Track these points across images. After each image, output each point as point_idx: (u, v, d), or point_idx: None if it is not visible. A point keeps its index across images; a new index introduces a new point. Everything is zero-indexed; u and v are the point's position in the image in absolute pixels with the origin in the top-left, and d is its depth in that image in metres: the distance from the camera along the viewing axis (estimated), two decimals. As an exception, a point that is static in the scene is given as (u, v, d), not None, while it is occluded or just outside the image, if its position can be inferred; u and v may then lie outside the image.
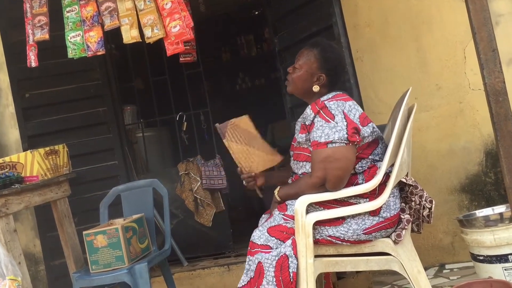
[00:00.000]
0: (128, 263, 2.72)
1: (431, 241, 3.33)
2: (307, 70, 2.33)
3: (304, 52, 2.38)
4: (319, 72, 2.32)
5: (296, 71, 2.37)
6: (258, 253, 2.15)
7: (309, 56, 2.34)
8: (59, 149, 3.17)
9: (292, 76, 2.38)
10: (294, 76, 2.37)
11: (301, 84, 2.35)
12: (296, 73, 2.36)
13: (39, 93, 3.71)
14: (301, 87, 2.36)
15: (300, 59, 2.37)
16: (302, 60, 2.36)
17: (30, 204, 2.89)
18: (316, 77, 2.32)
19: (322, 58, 2.33)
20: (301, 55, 2.38)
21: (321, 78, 2.31)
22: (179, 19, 2.37)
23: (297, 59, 2.39)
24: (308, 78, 2.33)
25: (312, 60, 2.33)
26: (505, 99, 1.84)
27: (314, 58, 2.33)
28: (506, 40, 3.17)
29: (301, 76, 2.34)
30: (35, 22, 2.65)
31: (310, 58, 2.34)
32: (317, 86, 2.32)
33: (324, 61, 2.33)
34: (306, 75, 2.33)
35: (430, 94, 3.32)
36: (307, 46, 2.41)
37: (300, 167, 2.33)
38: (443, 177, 3.32)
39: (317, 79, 2.32)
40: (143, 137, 4.25)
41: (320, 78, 2.32)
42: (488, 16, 1.83)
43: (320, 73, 2.31)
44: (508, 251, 2.37)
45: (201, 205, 3.84)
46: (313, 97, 2.33)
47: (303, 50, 2.39)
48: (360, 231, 2.15)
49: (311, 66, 2.33)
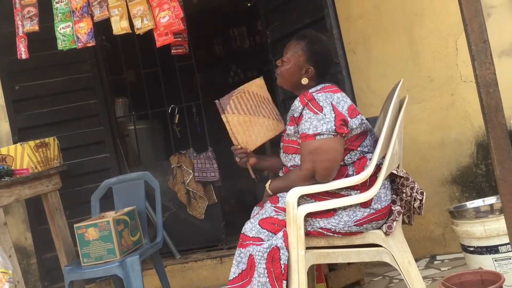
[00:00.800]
0: (119, 256, 2.71)
1: (422, 232, 3.34)
2: (294, 63, 2.32)
3: (291, 45, 2.36)
4: (307, 64, 2.30)
5: (284, 64, 2.36)
6: (250, 246, 2.14)
7: (296, 49, 2.33)
8: (50, 142, 3.15)
9: (281, 69, 2.37)
10: (282, 69, 2.36)
11: (289, 77, 2.34)
12: (284, 66, 2.35)
13: (29, 85, 3.69)
14: (290, 80, 2.35)
15: (288, 52, 2.35)
16: (289, 53, 2.35)
17: (20, 197, 2.87)
18: (304, 69, 2.31)
19: (309, 51, 2.31)
20: (289, 48, 2.37)
21: (309, 70, 2.30)
22: (168, 9, 2.35)
23: (285, 52, 2.37)
24: (296, 71, 2.32)
25: (300, 53, 2.32)
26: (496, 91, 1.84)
27: (302, 51, 2.31)
28: (497, 32, 3.17)
29: (289, 69, 2.33)
30: (24, 13, 2.62)
31: (297, 51, 2.32)
32: (305, 79, 2.31)
33: (312, 53, 2.31)
34: (293, 68, 2.32)
35: (422, 86, 3.32)
36: (295, 38, 2.39)
37: (289, 159, 2.32)
38: (434, 169, 3.32)
39: (305, 72, 2.31)
40: (134, 129, 4.24)
41: (308, 71, 2.31)
42: (479, 8, 1.82)
43: (308, 66, 2.30)
44: (498, 242, 2.38)
45: (193, 198, 3.84)
46: (301, 90, 2.32)
47: (291, 43, 2.38)
48: (351, 222, 2.16)
49: (298, 59, 2.31)
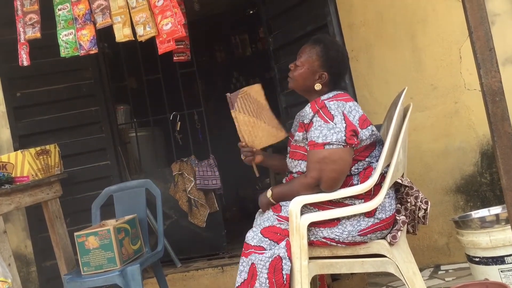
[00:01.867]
0: (120, 265, 2.68)
1: (426, 242, 3.31)
2: (308, 67, 2.26)
3: (306, 49, 2.30)
4: (321, 70, 2.25)
5: (297, 69, 2.30)
6: (252, 254, 2.11)
7: (311, 53, 2.27)
8: (51, 149, 3.13)
9: (294, 74, 2.31)
10: (295, 74, 2.30)
11: (303, 82, 2.29)
12: (297, 71, 2.29)
13: (31, 92, 3.67)
14: (303, 84, 2.30)
15: (302, 56, 2.29)
16: (304, 57, 2.28)
17: (20, 205, 2.84)
18: (318, 75, 2.25)
19: (324, 56, 2.25)
20: (303, 52, 2.30)
21: (323, 76, 2.25)
22: (171, 16, 2.33)
23: (299, 56, 2.31)
24: (309, 76, 2.26)
25: (314, 58, 2.26)
26: (502, 99, 1.81)
27: (316, 56, 2.26)
28: (501, 40, 3.15)
29: (303, 74, 2.27)
30: (26, 20, 2.61)
31: (312, 55, 2.26)
32: (319, 85, 2.25)
33: (327, 59, 2.25)
34: (307, 73, 2.26)
35: (426, 94, 3.30)
36: (310, 42, 2.33)
37: (295, 165, 2.28)
38: (438, 178, 3.30)
39: (319, 77, 2.25)
40: (136, 137, 4.21)
41: (322, 77, 2.25)
42: (485, 15, 1.81)
43: (322, 71, 2.25)
44: (504, 252, 2.35)
45: (195, 206, 3.81)
46: (314, 95, 2.27)
47: (306, 47, 2.32)
48: (355, 232, 2.13)
49: (312, 64, 2.26)
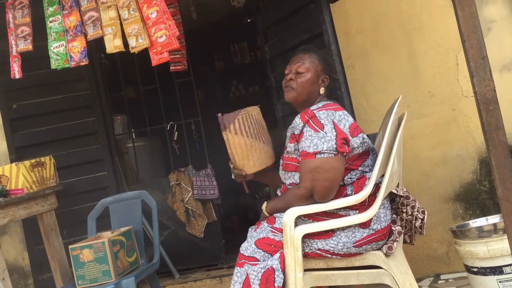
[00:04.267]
0: (115, 278, 2.65)
1: (425, 251, 3.27)
2: (314, 72, 2.30)
3: (305, 57, 2.32)
4: (324, 74, 2.32)
5: (303, 76, 2.29)
6: (245, 265, 2.11)
7: (313, 59, 2.32)
8: (46, 161, 3.11)
9: (298, 81, 2.29)
10: (301, 81, 2.28)
11: (309, 87, 2.29)
12: (303, 77, 2.28)
13: (27, 103, 3.67)
14: (309, 90, 2.29)
15: (305, 63, 2.30)
16: (307, 63, 2.30)
17: (14, 218, 2.82)
18: (321, 79, 2.31)
19: (324, 60, 2.35)
20: (303, 59, 2.31)
21: (325, 80, 2.32)
22: (165, 28, 2.32)
23: (298, 65, 2.30)
24: (316, 80, 2.30)
25: (317, 62, 2.32)
26: (496, 108, 1.79)
27: (318, 61, 2.32)
28: (498, 47, 3.13)
29: (310, 79, 2.29)
30: (18, 32, 2.60)
31: (314, 60, 2.32)
32: (323, 88, 2.31)
33: (326, 63, 2.36)
34: (314, 77, 2.30)
35: (423, 101, 3.28)
36: (302, 51, 2.36)
37: (288, 177, 2.27)
38: (437, 186, 3.26)
39: (322, 81, 2.31)
40: (133, 147, 4.20)
41: (325, 80, 2.32)
42: (477, 23, 1.78)
43: (325, 75, 2.32)
44: (502, 262, 2.31)
45: (192, 216, 3.78)
46: (312, 103, 2.27)
47: (302, 55, 2.33)
48: (350, 244, 2.10)
49: (317, 68, 2.31)
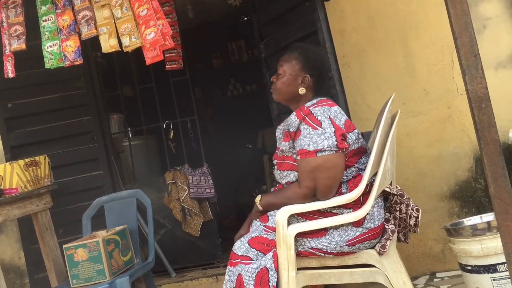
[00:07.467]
0: (109, 277, 2.65)
1: (421, 249, 3.26)
2: (290, 73, 2.28)
3: (285, 58, 2.33)
4: (303, 73, 2.27)
5: (279, 78, 2.31)
6: (238, 264, 2.10)
7: (290, 59, 2.30)
8: (40, 160, 3.10)
9: (276, 84, 2.32)
10: (278, 83, 2.31)
11: (286, 89, 2.29)
12: (280, 80, 2.31)
13: (22, 102, 3.66)
14: (286, 91, 2.29)
15: (283, 65, 2.32)
16: (284, 65, 2.31)
17: (8, 217, 2.82)
18: (300, 79, 2.27)
19: (303, 58, 2.28)
20: (283, 61, 2.33)
21: (306, 79, 2.26)
22: (154, 26, 2.32)
23: (279, 66, 2.34)
24: (292, 81, 2.27)
25: (294, 62, 2.28)
26: (488, 106, 1.78)
27: (296, 60, 2.28)
28: (494, 44, 3.13)
29: (285, 81, 2.28)
30: (11, 31, 2.59)
31: (291, 60, 2.29)
32: (303, 89, 2.26)
33: (306, 61, 2.28)
34: (290, 78, 2.28)
35: (418, 99, 3.27)
36: (289, 51, 2.37)
37: (284, 176, 2.26)
38: (432, 184, 3.26)
39: (301, 81, 2.27)
40: (129, 146, 4.19)
41: (305, 80, 2.27)
42: (469, 21, 1.77)
43: (304, 74, 2.26)
44: (496, 260, 2.31)
45: (188, 215, 3.78)
46: (299, 102, 2.27)
47: (286, 56, 2.34)
48: (343, 242, 2.10)
49: (293, 69, 2.27)
